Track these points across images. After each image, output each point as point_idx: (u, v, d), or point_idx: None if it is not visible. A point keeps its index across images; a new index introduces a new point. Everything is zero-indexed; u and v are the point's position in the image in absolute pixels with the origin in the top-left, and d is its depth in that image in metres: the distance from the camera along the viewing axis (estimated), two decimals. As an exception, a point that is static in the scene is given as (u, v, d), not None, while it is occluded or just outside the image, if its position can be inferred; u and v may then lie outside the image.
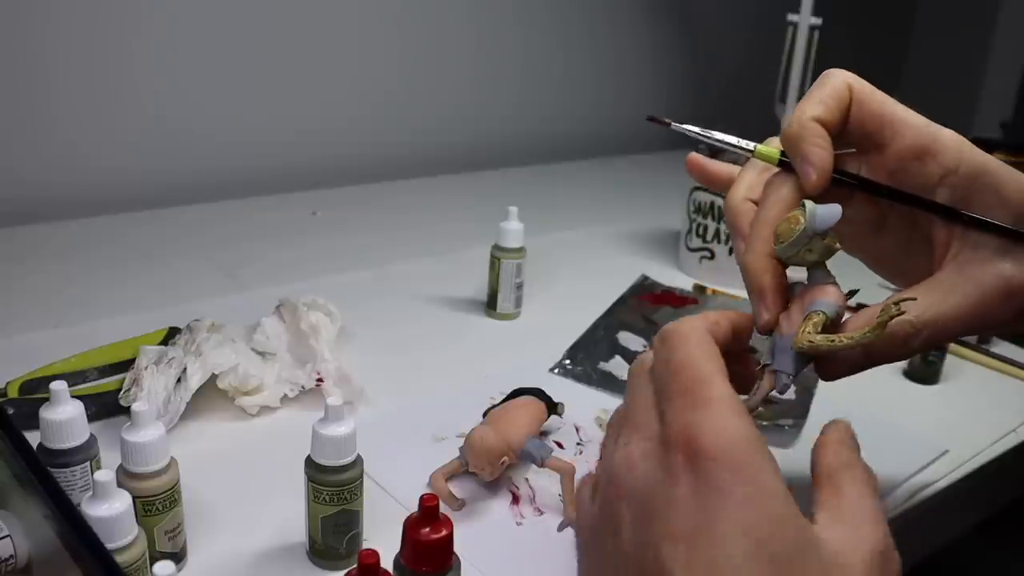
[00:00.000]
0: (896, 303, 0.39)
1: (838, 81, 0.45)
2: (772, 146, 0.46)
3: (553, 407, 0.64)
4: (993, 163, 0.44)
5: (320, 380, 0.66)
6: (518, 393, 0.64)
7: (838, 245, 0.42)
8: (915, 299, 0.43)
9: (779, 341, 0.42)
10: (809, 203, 0.41)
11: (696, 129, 0.49)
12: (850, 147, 0.47)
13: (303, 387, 0.66)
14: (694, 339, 0.38)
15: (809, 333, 0.40)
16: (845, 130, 0.45)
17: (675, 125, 0.50)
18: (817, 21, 1.20)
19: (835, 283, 0.43)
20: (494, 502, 0.57)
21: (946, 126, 0.45)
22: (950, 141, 0.44)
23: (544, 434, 0.64)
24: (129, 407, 0.50)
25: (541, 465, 0.56)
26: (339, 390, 0.66)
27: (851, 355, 0.44)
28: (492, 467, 0.56)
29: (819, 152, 0.44)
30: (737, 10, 1.68)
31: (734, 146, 0.48)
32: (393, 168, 1.28)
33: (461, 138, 1.38)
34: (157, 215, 1.04)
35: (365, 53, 1.24)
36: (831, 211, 0.41)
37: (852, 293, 0.45)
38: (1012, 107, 1.81)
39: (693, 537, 0.32)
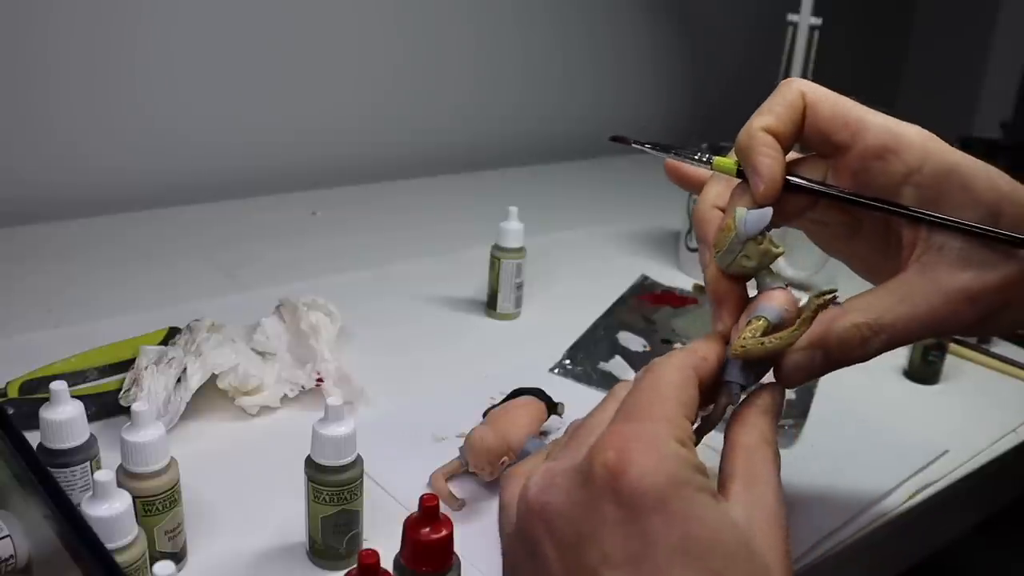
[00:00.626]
0: (819, 296, 0.39)
1: (790, 90, 0.44)
2: (731, 158, 0.46)
3: (553, 407, 0.64)
4: (963, 160, 0.42)
5: (320, 380, 0.66)
6: (518, 393, 0.64)
7: (778, 249, 0.41)
8: (835, 290, 0.41)
9: (729, 352, 0.42)
10: (740, 209, 0.41)
11: (654, 146, 0.48)
12: (813, 151, 0.46)
13: (303, 387, 0.66)
14: (670, 369, 0.38)
15: (745, 339, 0.40)
16: (803, 136, 0.45)
17: (635, 144, 0.49)
18: (817, 21, 1.20)
19: (783, 288, 0.42)
20: (494, 502, 0.57)
21: (946, 126, 0.45)
22: (915, 138, 0.42)
23: (544, 434, 0.64)
24: (129, 407, 0.50)
25: None
26: (339, 390, 0.66)
27: (807, 359, 0.42)
28: (492, 467, 0.56)
29: (766, 161, 0.42)
30: (737, 10, 1.68)
31: (692, 160, 0.47)
32: (393, 168, 1.28)
33: (461, 138, 1.38)
34: (157, 215, 1.04)
35: (365, 53, 1.24)
36: (760, 215, 0.40)
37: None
38: (1012, 107, 1.80)
39: (635, 563, 0.32)
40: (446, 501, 0.55)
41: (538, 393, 0.64)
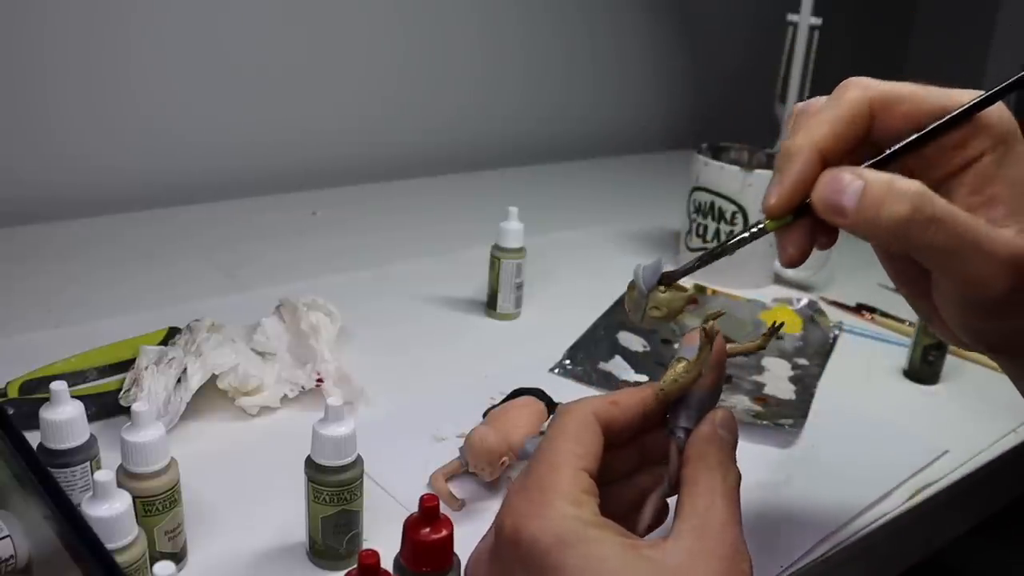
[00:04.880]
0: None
1: (856, 99, 0.40)
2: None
3: (553, 407, 0.64)
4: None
5: (320, 380, 0.66)
6: (518, 393, 0.64)
7: (686, 292, 0.42)
8: (723, 313, 0.41)
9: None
10: (636, 265, 0.42)
11: (700, 259, 0.42)
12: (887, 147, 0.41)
13: (303, 387, 0.66)
14: (568, 419, 0.40)
15: (664, 380, 0.41)
16: (873, 138, 0.41)
17: (686, 272, 0.43)
18: (817, 21, 1.20)
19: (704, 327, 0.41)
20: (494, 502, 0.57)
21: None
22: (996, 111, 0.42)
23: (544, 435, 0.64)
24: (129, 407, 0.50)
25: None
26: (339, 390, 0.66)
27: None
28: (492, 467, 0.56)
29: (788, 181, 0.39)
30: (737, 10, 1.68)
31: (746, 239, 0.42)
32: (393, 168, 1.28)
33: (461, 138, 1.38)
34: (156, 215, 1.04)
35: (365, 53, 1.24)
36: (654, 266, 0.42)
37: (713, 316, 0.41)
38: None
39: None
40: (446, 501, 0.55)
41: (538, 393, 0.64)
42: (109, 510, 0.41)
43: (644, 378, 0.75)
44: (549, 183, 1.34)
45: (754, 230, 0.41)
